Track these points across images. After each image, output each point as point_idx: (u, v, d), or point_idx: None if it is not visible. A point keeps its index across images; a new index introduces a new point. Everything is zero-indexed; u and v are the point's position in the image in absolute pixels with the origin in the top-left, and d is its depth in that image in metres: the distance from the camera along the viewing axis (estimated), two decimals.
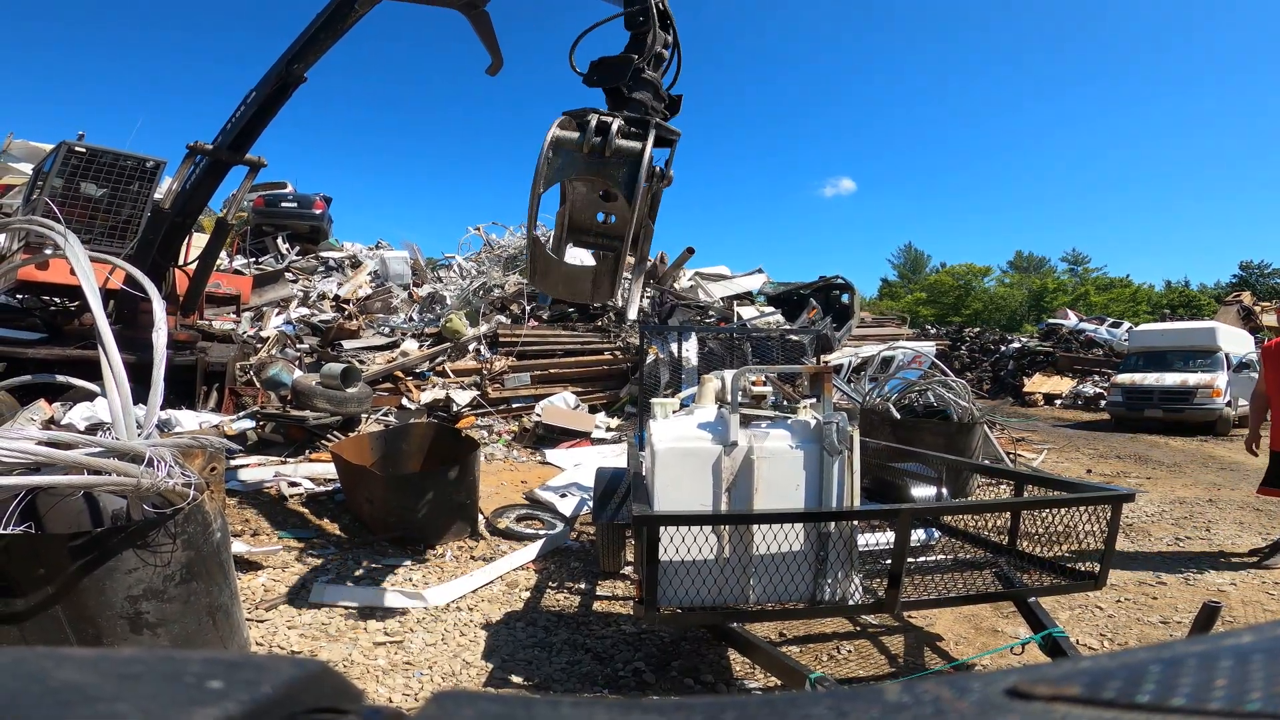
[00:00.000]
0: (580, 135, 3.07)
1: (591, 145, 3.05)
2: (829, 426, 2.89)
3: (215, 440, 2.95)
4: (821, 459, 2.90)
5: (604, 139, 3.06)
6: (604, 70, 3.52)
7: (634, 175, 3.10)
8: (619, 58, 3.52)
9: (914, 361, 10.51)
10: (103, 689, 0.33)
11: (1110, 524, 2.81)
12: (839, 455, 2.89)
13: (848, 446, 2.92)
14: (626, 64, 3.47)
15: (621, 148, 3.07)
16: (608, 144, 3.03)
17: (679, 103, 3.69)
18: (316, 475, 6.17)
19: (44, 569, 2.22)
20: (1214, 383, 12.91)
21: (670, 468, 2.85)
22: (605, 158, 3.07)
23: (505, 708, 0.34)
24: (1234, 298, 29.81)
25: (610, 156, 3.07)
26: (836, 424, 2.89)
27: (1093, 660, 0.36)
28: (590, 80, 3.55)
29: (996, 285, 53.19)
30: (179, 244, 7.53)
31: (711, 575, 2.69)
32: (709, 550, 2.68)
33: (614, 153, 3.05)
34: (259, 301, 12.20)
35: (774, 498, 2.86)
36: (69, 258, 2.97)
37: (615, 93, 3.50)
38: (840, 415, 2.96)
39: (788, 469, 2.90)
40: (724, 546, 2.76)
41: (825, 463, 2.89)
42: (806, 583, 2.77)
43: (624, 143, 3.08)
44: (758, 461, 2.86)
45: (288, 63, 6.02)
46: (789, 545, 2.69)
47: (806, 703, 0.34)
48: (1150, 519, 6.18)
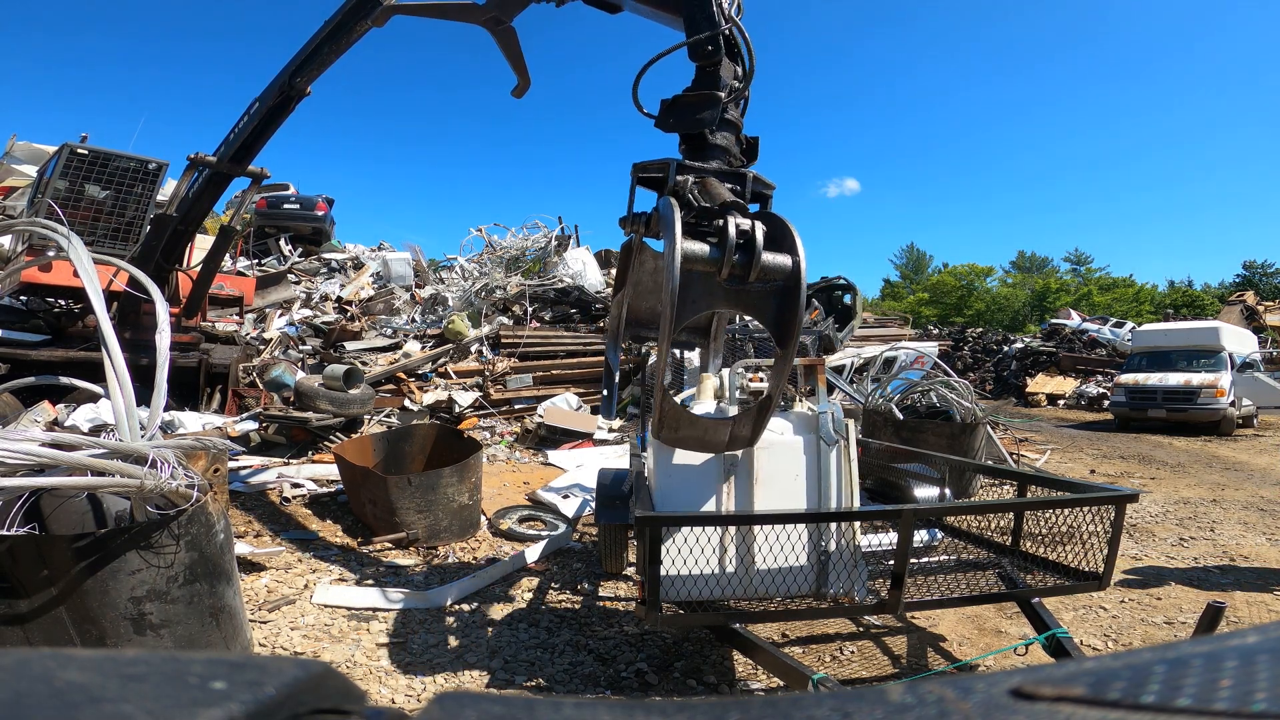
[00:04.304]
0: (714, 252, 2.27)
1: (733, 267, 2.27)
2: (824, 416, 2.91)
3: (218, 441, 2.96)
4: (819, 449, 2.91)
5: (750, 257, 2.25)
6: (680, 111, 2.94)
7: (791, 307, 2.32)
8: (696, 96, 2.94)
9: (916, 362, 10.49)
10: (107, 690, 0.33)
11: (1114, 524, 2.80)
12: (835, 444, 2.90)
13: (843, 435, 2.94)
14: (707, 103, 2.87)
15: (771, 267, 2.30)
16: (755, 265, 2.26)
17: (757, 147, 3.04)
18: (319, 476, 6.18)
19: (48, 570, 2.22)
20: (1218, 383, 12.87)
21: (671, 461, 2.85)
22: (748, 283, 2.31)
23: (508, 709, 0.34)
24: (1237, 297, 29.77)
25: (754, 279, 2.30)
26: (831, 413, 2.92)
27: (1097, 661, 0.35)
28: (665, 124, 2.97)
29: (999, 285, 53.14)
30: (182, 248, 7.55)
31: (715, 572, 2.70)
32: (712, 548, 2.69)
33: (760, 274, 2.29)
34: (262, 303, 12.23)
35: (774, 488, 2.88)
36: (72, 260, 2.98)
37: (696, 139, 2.91)
38: (835, 405, 2.98)
39: (787, 459, 2.92)
40: (727, 544, 2.77)
41: (823, 452, 2.90)
42: (810, 580, 2.78)
43: (774, 259, 2.29)
44: (757, 452, 2.87)
45: (290, 75, 5.98)
46: (792, 542, 2.69)
47: (809, 704, 0.34)
48: (1154, 519, 6.16)
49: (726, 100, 2.90)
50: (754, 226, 2.29)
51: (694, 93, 2.97)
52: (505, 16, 4.93)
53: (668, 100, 3.02)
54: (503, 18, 4.94)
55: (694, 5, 3.04)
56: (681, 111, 2.95)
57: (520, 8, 4.86)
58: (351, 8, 5.46)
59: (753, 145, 3.04)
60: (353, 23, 5.52)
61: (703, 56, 2.98)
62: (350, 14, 5.49)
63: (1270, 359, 18.26)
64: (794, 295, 2.30)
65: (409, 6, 5.36)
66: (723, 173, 2.74)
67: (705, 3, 3.02)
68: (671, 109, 2.98)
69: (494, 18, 4.94)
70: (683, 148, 2.97)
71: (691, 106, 2.93)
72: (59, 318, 8.18)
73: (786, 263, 2.30)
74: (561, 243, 14.41)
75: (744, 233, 2.27)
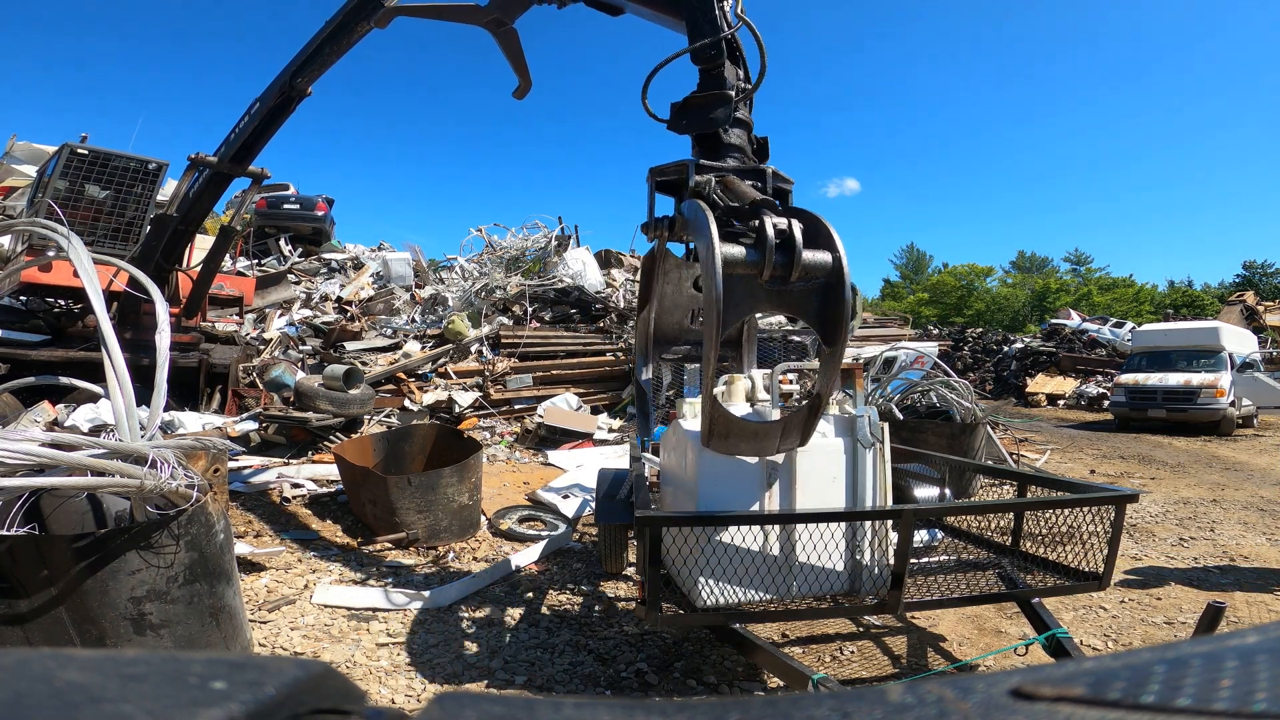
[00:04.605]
0: (751, 253, 2.20)
1: (774, 269, 2.21)
2: (861, 419, 2.93)
3: (218, 442, 2.96)
4: (856, 452, 2.92)
5: (790, 257, 2.20)
6: (692, 113, 2.92)
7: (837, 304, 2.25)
8: (706, 96, 2.94)
9: (916, 362, 10.47)
10: (107, 690, 0.33)
11: (1114, 524, 2.80)
12: (871, 447, 2.92)
13: (879, 438, 2.95)
14: (719, 102, 2.86)
15: (812, 265, 2.24)
16: (796, 264, 2.21)
17: (767, 147, 3.02)
18: (319, 476, 6.18)
19: (48, 570, 2.22)
20: (1217, 383, 12.87)
21: (713, 466, 2.81)
22: (790, 283, 2.25)
23: (507, 709, 0.34)
24: (1237, 297, 29.78)
25: (796, 280, 2.24)
26: (869, 417, 2.93)
27: (1097, 661, 0.35)
28: (678, 126, 2.96)
29: (999, 285, 53.16)
30: (182, 249, 7.55)
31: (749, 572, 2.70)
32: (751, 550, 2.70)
33: (802, 273, 2.23)
34: (262, 303, 12.23)
35: (812, 491, 2.88)
36: (72, 260, 2.98)
37: (711, 139, 2.89)
38: (871, 409, 2.99)
39: (826, 462, 2.92)
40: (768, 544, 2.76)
41: (859, 454, 2.92)
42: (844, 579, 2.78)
43: (814, 256, 2.24)
44: (799, 455, 2.86)
45: (291, 76, 5.96)
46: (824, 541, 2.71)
47: (809, 704, 0.34)
48: (1154, 519, 6.16)
49: (738, 100, 2.89)
50: (791, 225, 2.22)
51: (704, 93, 2.96)
52: (507, 18, 4.92)
53: (678, 103, 3.01)
54: (505, 19, 4.93)
55: (696, 9, 3.06)
56: (694, 113, 2.94)
57: (522, 9, 4.84)
58: (353, 8, 5.44)
59: (763, 145, 3.02)
60: (354, 23, 5.50)
61: (706, 60, 3.00)
62: (351, 15, 5.47)
63: (1270, 359, 18.25)
64: (838, 291, 2.25)
65: (411, 8, 5.34)
66: (742, 170, 2.70)
67: (708, 7, 3.04)
68: (683, 111, 2.97)
69: (496, 19, 4.92)
70: (696, 149, 2.95)
71: (703, 107, 2.93)
72: (59, 318, 8.19)
73: (827, 259, 2.25)
74: (561, 243, 14.40)
75: (782, 232, 2.21)
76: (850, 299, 2.23)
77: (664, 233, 2.77)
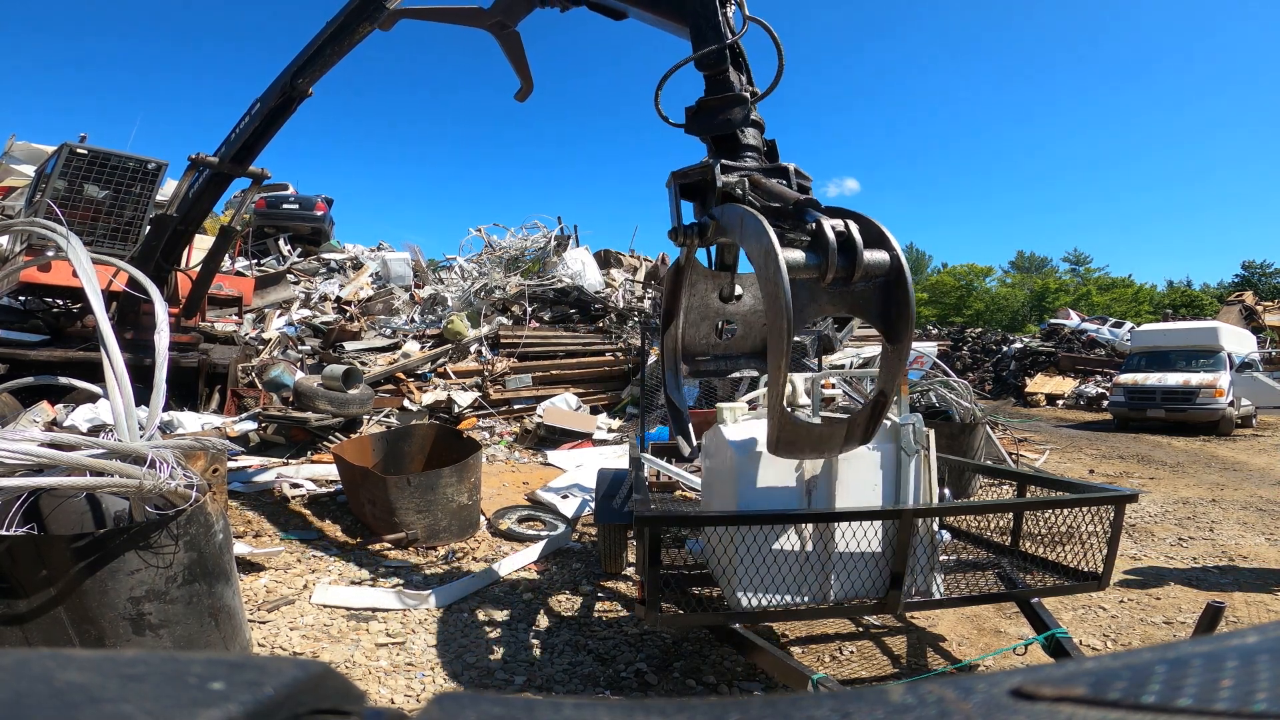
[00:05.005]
0: (812, 257, 2.18)
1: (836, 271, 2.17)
2: (906, 427, 2.87)
3: (217, 442, 2.96)
4: (899, 458, 2.88)
5: (852, 258, 2.17)
6: (707, 115, 2.92)
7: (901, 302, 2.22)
8: (720, 99, 2.94)
9: (915, 362, 10.49)
10: (106, 690, 0.33)
11: (1113, 524, 2.80)
12: (915, 454, 2.87)
13: (924, 446, 2.90)
14: (734, 103, 2.86)
15: (873, 265, 2.20)
16: (859, 265, 2.17)
17: (776, 150, 3.02)
18: (318, 477, 6.18)
19: (47, 570, 2.22)
20: (1216, 383, 12.88)
21: (754, 473, 2.78)
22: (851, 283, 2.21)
23: (507, 709, 0.34)
24: (1236, 297, 29.80)
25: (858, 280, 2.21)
26: (913, 424, 2.88)
27: (1097, 661, 0.35)
28: (694, 129, 2.96)
29: (998, 285, 53.21)
30: (181, 249, 7.55)
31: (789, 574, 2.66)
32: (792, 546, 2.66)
33: (863, 274, 2.20)
34: (261, 303, 12.22)
35: (852, 498, 2.83)
36: (71, 260, 2.98)
37: (729, 140, 2.88)
38: (916, 416, 2.93)
39: (866, 469, 2.87)
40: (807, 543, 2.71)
41: (902, 462, 2.87)
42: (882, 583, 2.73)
43: (873, 256, 2.20)
44: (840, 462, 2.81)
45: (292, 76, 5.94)
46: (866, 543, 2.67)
47: (809, 704, 0.34)
48: (1153, 519, 6.16)
49: (753, 102, 2.89)
50: (849, 225, 2.19)
51: (719, 95, 2.96)
52: (510, 21, 4.92)
53: (691, 106, 3.02)
54: (507, 22, 4.92)
55: (700, 16, 3.07)
56: (709, 115, 2.94)
57: (525, 12, 4.84)
58: (355, 9, 5.44)
59: (772, 148, 3.00)
60: (356, 25, 5.50)
61: (710, 66, 3.01)
62: (353, 16, 5.48)
63: (1269, 359, 18.27)
64: (901, 289, 2.21)
65: (414, 10, 5.33)
66: (766, 169, 2.67)
67: (711, 14, 3.05)
68: (699, 113, 2.97)
69: (499, 22, 4.92)
70: (714, 151, 2.93)
71: (717, 109, 2.93)
72: (58, 318, 8.18)
73: (885, 258, 2.22)
74: (561, 243, 14.39)
75: (841, 234, 2.18)
76: (914, 296, 2.22)
77: (694, 240, 2.68)
